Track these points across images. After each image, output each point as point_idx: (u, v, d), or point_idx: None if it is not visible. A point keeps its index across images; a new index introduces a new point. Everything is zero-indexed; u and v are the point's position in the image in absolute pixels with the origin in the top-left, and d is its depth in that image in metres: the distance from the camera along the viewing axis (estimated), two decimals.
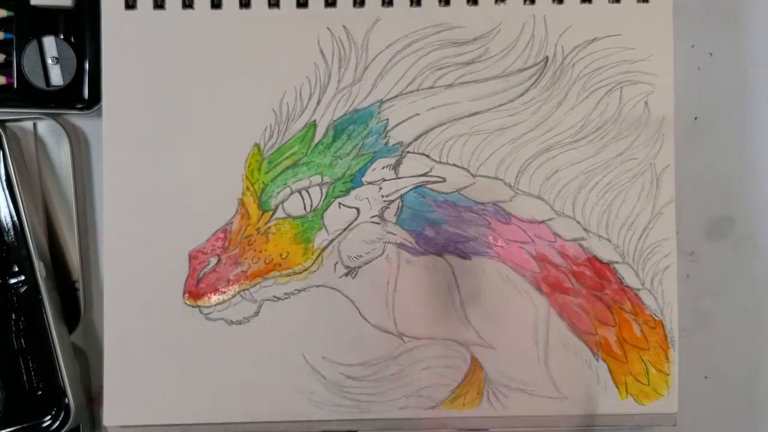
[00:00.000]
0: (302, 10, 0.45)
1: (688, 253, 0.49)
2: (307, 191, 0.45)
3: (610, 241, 0.45)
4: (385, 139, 0.45)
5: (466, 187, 0.45)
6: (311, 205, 0.45)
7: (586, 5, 0.45)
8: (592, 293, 0.45)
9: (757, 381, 0.49)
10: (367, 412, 0.45)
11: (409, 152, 0.45)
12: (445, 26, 0.45)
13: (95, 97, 0.46)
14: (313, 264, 0.45)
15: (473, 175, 0.45)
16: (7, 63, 0.46)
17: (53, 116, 0.47)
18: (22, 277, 0.45)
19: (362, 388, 0.45)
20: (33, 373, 0.45)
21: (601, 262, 0.45)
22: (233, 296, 0.45)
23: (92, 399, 0.48)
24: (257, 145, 0.45)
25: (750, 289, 0.49)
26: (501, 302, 0.45)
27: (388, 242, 0.45)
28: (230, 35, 0.45)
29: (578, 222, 0.45)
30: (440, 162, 0.45)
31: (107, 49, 0.45)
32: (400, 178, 0.45)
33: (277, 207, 0.45)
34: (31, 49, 0.46)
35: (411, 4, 0.45)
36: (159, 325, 0.45)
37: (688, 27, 0.48)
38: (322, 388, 0.45)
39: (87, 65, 0.46)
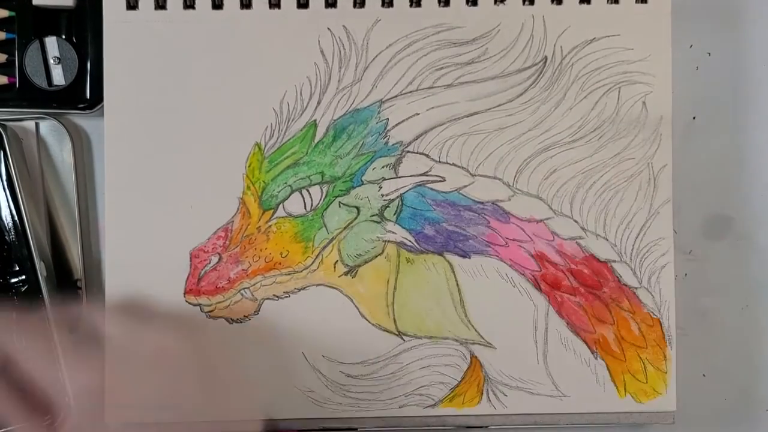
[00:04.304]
0: (303, 11, 0.45)
1: (686, 252, 0.49)
2: (308, 190, 0.45)
3: (607, 240, 0.46)
4: (385, 139, 0.45)
5: (465, 186, 0.46)
6: (311, 204, 0.45)
7: (584, 6, 0.45)
8: (591, 292, 0.46)
9: (755, 379, 0.50)
10: (366, 410, 0.46)
11: (408, 152, 0.45)
12: (444, 26, 0.45)
13: (97, 97, 0.46)
14: (313, 263, 0.45)
15: (472, 175, 0.45)
16: (10, 63, 0.46)
17: (55, 116, 0.47)
18: (23, 277, 0.45)
19: (362, 386, 0.46)
20: None
21: (598, 260, 0.46)
22: (234, 294, 0.45)
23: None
24: (258, 144, 0.45)
25: (748, 288, 0.49)
26: (500, 301, 0.46)
27: (388, 241, 0.46)
28: (231, 35, 0.45)
29: (576, 221, 0.46)
30: (440, 161, 0.45)
31: (109, 49, 0.45)
32: (399, 177, 0.45)
33: (277, 206, 0.45)
34: (34, 49, 0.46)
35: (411, 5, 0.45)
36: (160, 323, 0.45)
37: (686, 27, 0.48)
38: (322, 386, 0.45)
39: (89, 65, 0.46)
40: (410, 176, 0.45)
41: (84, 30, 0.46)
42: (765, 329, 0.50)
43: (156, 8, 0.45)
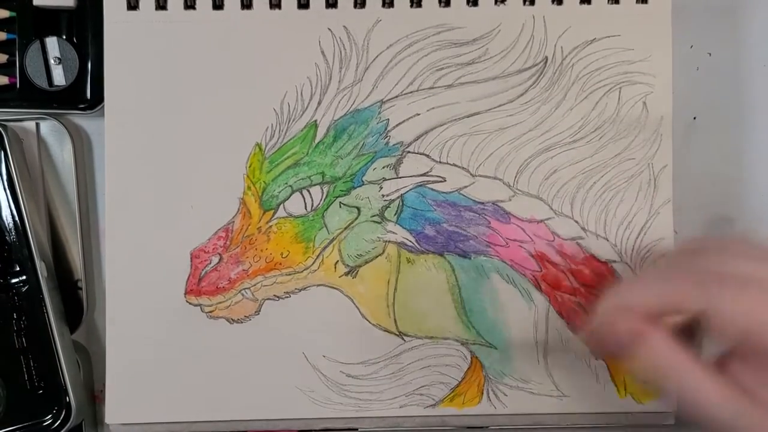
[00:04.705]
0: (303, 11, 0.45)
1: None
2: (308, 190, 0.45)
3: (607, 240, 0.46)
4: (386, 139, 0.45)
5: (465, 186, 0.46)
6: (312, 205, 0.45)
7: (585, 6, 0.45)
8: (591, 292, 0.46)
9: None
10: (367, 410, 0.46)
11: (409, 152, 0.45)
12: (445, 27, 0.45)
13: (98, 98, 0.46)
14: (313, 263, 0.45)
15: (473, 175, 0.46)
16: (10, 63, 0.46)
17: (56, 116, 0.47)
18: (24, 277, 0.45)
19: (362, 386, 0.46)
20: (34, 372, 0.45)
21: (599, 260, 0.46)
22: (234, 295, 0.45)
23: (95, 397, 0.48)
24: (258, 145, 0.45)
25: None
26: (501, 301, 0.46)
27: (389, 241, 0.46)
28: (232, 36, 0.45)
29: (576, 221, 0.46)
30: (440, 162, 0.45)
31: (109, 50, 0.45)
32: (400, 177, 0.45)
33: (278, 206, 0.45)
34: (34, 49, 0.46)
35: (411, 5, 0.45)
36: (160, 323, 0.45)
37: (687, 27, 0.48)
38: (322, 386, 0.46)
39: (89, 65, 0.46)
40: (411, 176, 0.45)
41: (85, 30, 0.46)
42: None
43: (156, 8, 0.45)
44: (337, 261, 0.45)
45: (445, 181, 0.45)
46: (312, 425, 0.46)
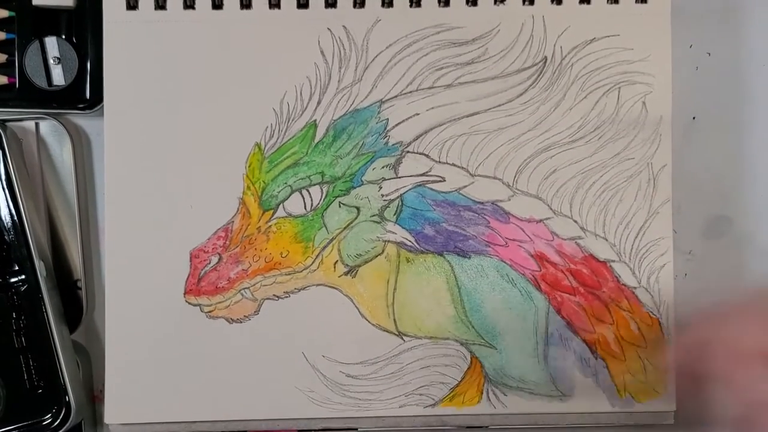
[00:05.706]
0: (303, 11, 0.45)
1: (686, 252, 0.49)
2: (308, 190, 0.45)
3: (606, 240, 0.46)
4: (385, 139, 0.45)
5: (465, 186, 0.46)
6: (311, 204, 0.45)
7: (584, 6, 0.45)
8: (590, 291, 0.46)
9: None
10: (366, 410, 0.46)
11: (408, 152, 0.45)
12: (444, 27, 0.45)
13: (97, 97, 0.46)
14: (313, 263, 0.45)
15: (472, 175, 0.46)
16: (10, 63, 0.46)
17: (55, 116, 0.47)
18: (23, 276, 0.45)
19: (362, 386, 0.46)
20: (33, 372, 0.45)
21: (597, 260, 0.46)
22: (234, 294, 0.45)
23: (94, 397, 0.48)
24: (258, 145, 0.45)
25: (747, 288, 0.49)
26: (500, 301, 0.46)
27: (388, 241, 0.46)
28: (231, 36, 0.45)
29: (575, 221, 0.46)
30: (439, 161, 0.45)
31: (109, 49, 0.45)
32: (399, 177, 0.45)
33: (277, 206, 0.45)
34: (33, 49, 0.46)
35: (411, 5, 0.45)
36: (160, 323, 0.45)
37: (686, 27, 0.48)
38: (322, 386, 0.46)
39: (89, 65, 0.46)
40: (410, 176, 0.45)
41: (84, 30, 0.46)
42: None
43: (156, 8, 0.45)
44: (337, 261, 0.45)
45: (445, 180, 0.45)
46: (311, 425, 0.46)
